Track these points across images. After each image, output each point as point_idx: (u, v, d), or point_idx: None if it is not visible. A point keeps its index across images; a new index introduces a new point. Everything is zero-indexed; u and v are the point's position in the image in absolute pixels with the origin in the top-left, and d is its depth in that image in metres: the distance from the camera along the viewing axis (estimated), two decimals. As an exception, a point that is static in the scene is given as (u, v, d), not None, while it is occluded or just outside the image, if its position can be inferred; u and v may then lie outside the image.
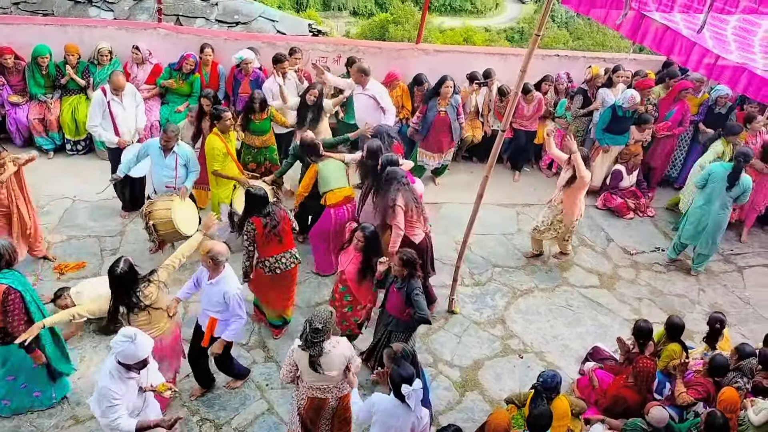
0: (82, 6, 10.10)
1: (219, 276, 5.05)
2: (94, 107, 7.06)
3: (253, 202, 5.68)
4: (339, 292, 5.81)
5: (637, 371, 5.33)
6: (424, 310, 5.19)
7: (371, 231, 5.59)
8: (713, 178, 7.40)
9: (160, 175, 6.65)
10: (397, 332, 5.50)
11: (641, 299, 7.45)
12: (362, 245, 5.56)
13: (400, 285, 5.32)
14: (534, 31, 5.12)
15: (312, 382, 4.61)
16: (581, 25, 42.19)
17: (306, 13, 40.11)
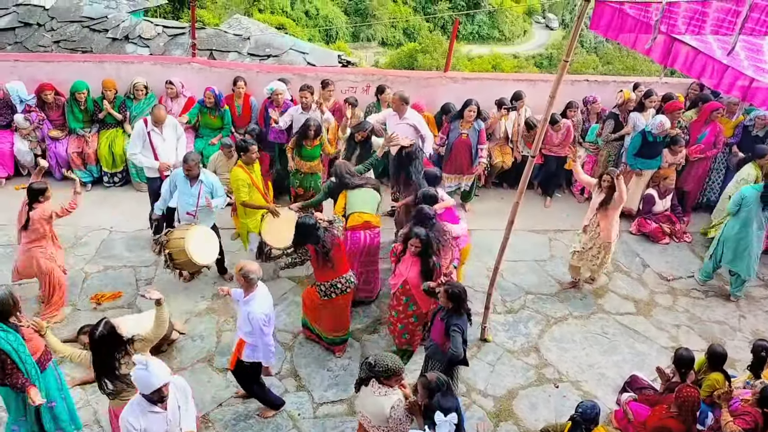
0: (119, 43, 10.44)
1: (251, 295, 5.13)
2: (135, 137, 7.25)
3: (303, 230, 5.79)
4: (403, 304, 5.95)
5: (681, 401, 5.15)
6: (458, 348, 5.14)
7: (425, 234, 5.72)
8: (746, 201, 7.34)
9: (185, 203, 6.75)
10: (434, 359, 5.48)
11: (679, 326, 7.27)
12: (419, 250, 5.72)
13: (444, 316, 5.30)
14: (563, 56, 5.12)
15: (360, 409, 4.69)
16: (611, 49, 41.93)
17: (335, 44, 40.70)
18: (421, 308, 5.95)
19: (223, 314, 6.78)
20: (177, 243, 6.36)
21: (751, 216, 7.34)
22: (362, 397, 4.56)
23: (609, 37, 4.83)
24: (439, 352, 5.41)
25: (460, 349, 5.16)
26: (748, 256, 7.45)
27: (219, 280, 7.24)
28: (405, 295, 5.93)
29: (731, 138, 8.85)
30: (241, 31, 12.54)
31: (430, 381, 4.40)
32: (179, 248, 6.34)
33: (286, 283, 7.29)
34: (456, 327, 5.17)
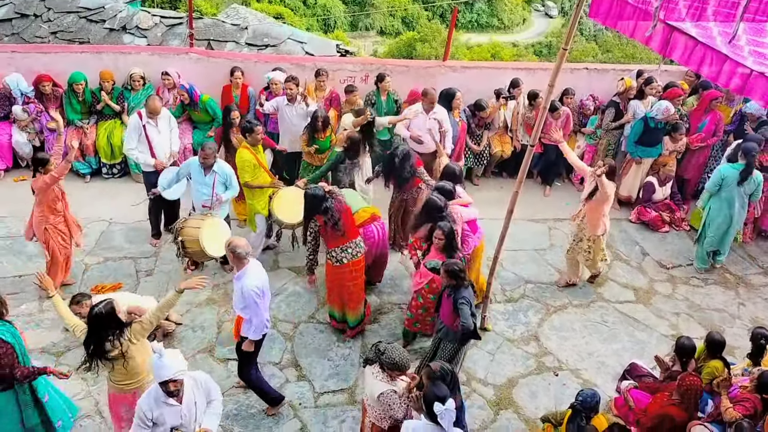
0: (117, 33, 10.40)
1: (242, 270, 5.15)
2: (131, 131, 7.16)
3: (311, 202, 5.89)
4: (430, 301, 5.94)
5: (684, 389, 5.17)
6: (468, 319, 5.17)
7: (449, 227, 5.73)
8: (727, 181, 7.48)
9: (199, 193, 6.72)
10: (446, 341, 5.52)
11: (679, 314, 7.29)
12: (444, 243, 5.72)
13: (450, 292, 5.36)
14: (562, 45, 5.10)
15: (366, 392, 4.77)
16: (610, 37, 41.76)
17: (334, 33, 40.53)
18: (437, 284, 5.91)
19: (223, 305, 6.79)
20: (192, 232, 6.37)
21: (733, 195, 7.50)
22: (365, 375, 4.69)
23: (608, 24, 4.80)
24: (450, 333, 5.45)
25: (470, 320, 5.19)
26: (730, 235, 7.75)
27: (219, 270, 7.24)
28: (432, 293, 5.89)
29: (729, 125, 8.85)
30: (238, 21, 12.50)
31: (435, 371, 4.41)
32: (193, 237, 6.35)
33: (285, 273, 7.30)
34: (463, 299, 5.21)
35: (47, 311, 6.49)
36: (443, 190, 6.31)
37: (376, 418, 4.67)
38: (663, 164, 8.57)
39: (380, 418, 4.64)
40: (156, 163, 7.24)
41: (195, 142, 8.44)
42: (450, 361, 5.57)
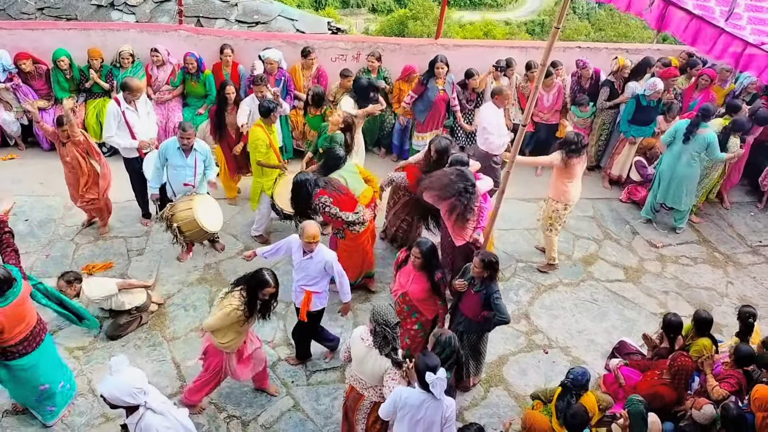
0: (105, 10, 10.24)
1: (316, 250, 5.29)
2: (110, 119, 6.90)
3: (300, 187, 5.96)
4: (405, 312, 5.58)
5: (676, 369, 5.23)
6: (506, 314, 5.22)
7: (428, 246, 5.28)
8: (679, 134, 7.69)
9: (180, 176, 6.61)
10: (469, 333, 5.50)
11: (668, 293, 7.36)
12: (420, 262, 5.29)
13: (479, 288, 5.27)
14: (554, 23, 5.07)
15: (355, 372, 4.73)
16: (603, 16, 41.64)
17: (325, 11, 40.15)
18: (426, 316, 5.60)
19: (215, 284, 6.79)
20: (185, 215, 6.32)
21: (680, 149, 7.72)
22: (360, 360, 4.60)
23: (602, 0, 4.77)
24: (473, 324, 5.43)
25: (508, 314, 5.27)
26: (676, 188, 7.92)
27: (210, 250, 7.23)
28: (406, 305, 5.58)
29: (722, 107, 8.85)
30: (228, -2, 12.31)
31: (443, 333, 4.57)
32: (188, 219, 6.31)
33: (277, 252, 7.29)
34: (497, 294, 5.23)
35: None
36: (460, 161, 6.28)
37: (380, 396, 4.64)
38: (650, 146, 8.59)
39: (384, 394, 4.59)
40: (140, 143, 6.98)
41: (184, 119, 8.37)
42: (475, 349, 5.63)
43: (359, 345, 4.61)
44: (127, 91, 6.84)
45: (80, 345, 5.96)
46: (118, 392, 3.84)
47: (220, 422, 5.44)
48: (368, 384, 4.68)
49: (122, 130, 6.93)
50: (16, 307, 4.60)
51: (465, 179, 5.85)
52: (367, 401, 4.75)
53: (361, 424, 4.86)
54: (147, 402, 3.94)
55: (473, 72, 8.57)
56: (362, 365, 4.62)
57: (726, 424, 4.85)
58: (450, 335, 4.64)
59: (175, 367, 5.87)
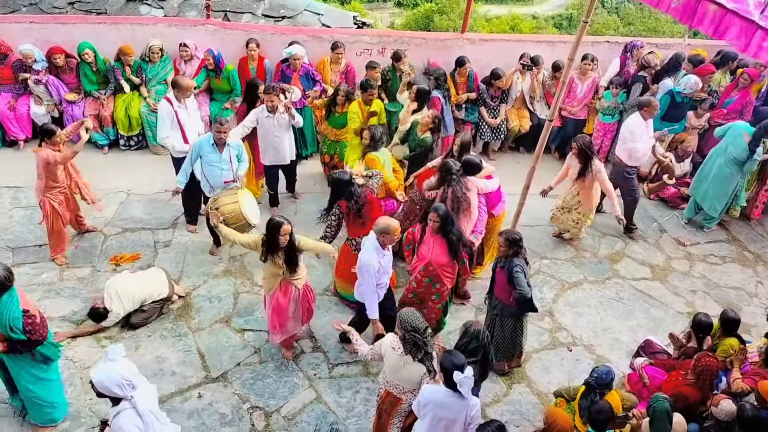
0: (134, 4, 10.37)
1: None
2: (164, 119, 6.87)
3: (337, 186, 5.96)
4: (425, 285, 5.72)
5: (701, 369, 5.15)
6: (524, 286, 5.17)
7: (444, 210, 5.58)
8: (731, 132, 7.58)
9: (218, 171, 6.54)
10: (503, 317, 5.55)
11: (695, 292, 7.24)
12: (438, 225, 5.53)
13: (503, 264, 5.35)
14: (582, 17, 5.01)
15: (391, 379, 4.66)
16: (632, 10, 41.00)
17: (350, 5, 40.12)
18: (446, 285, 5.76)
19: (239, 276, 6.86)
20: (231, 208, 6.31)
21: (724, 148, 7.60)
22: (395, 368, 4.55)
23: (632, -3, 4.69)
24: (507, 308, 5.47)
25: (527, 287, 5.19)
26: (708, 186, 7.83)
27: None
28: (428, 276, 5.72)
29: (755, 102, 8.68)
30: (255, -8, 12.39)
31: (472, 324, 4.58)
32: (235, 212, 6.30)
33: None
34: (518, 267, 5.21)
35: (67, 280, 6.60)
36: (470, 164, 6.26)
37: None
38: (681, 140, 8.45)
39: None
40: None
41: (212, 114, 8.44)
42: (513, 336, 5.64)
43: (391, 354, 4.54)
44: (177, 89, 6.84)
45: (108, 334, 6.06)
46: (107, 380, 3.86)
47: (243, 413, 5.50)
48: (406, 389, 4.63)
49: (174, 129, 6.92)
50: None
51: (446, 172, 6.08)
52: (405, 404, 4.70)
53: (396, 428, 4.83)
54: (133, 398, 3.94)
55: (500, 74, 8.51)
56: (398, 373, 4.57)
57: (742, 425, 4.72)
58: (480, 328, 4.60)
59: (199, 357, 5.94)
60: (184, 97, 6.91)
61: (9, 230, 7.14)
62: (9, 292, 4.44)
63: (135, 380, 3.97)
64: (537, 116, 8.97)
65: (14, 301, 4.44)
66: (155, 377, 5.68)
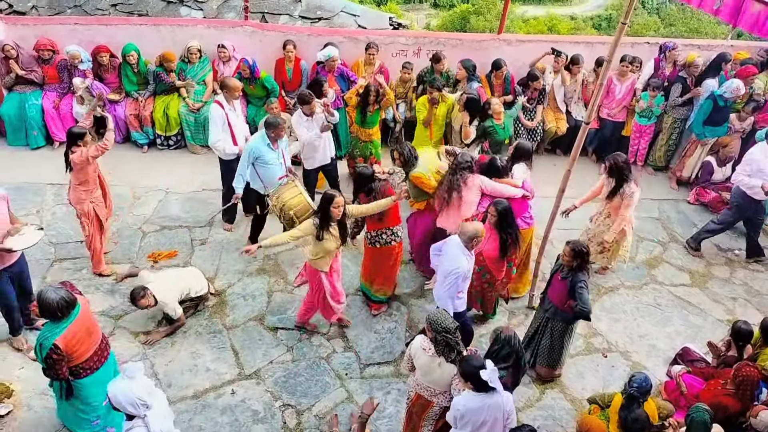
0: (174, 6, 10.55)
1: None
2: (216, 122, 6.84)
3: (360, 179, 6.06)
4: (476, 273, 5.84)
5: (741, 379, 5.01)
6: (587, 305, 5.19)
7: (504, 206, 5.62)
8: None
9: (272, 170, 6.63)
10: (554, 320, 5.56)
11: (736, 299, 7.05)
12: (496, 220, 5.63)
13: (566, 275, 5.33)
14: (621, 18, 4.92)
15: (423, 380, 4.65)
16: (673, 11, 40.17)
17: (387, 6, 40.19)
18: (495, 276, 5.94)
19: (273, 275, 6.92)
20: (298, 201, 6.30)
21: None
22: (426, 370, 4.54)
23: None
24: (559, 313, 5.46)
25: (589, 304, 5.21)
26: None
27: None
28: (478, 265, 5.82)
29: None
30: (292, -6, 12.50)
31: (502, 331, 4.55)
32: (302, 205, 6.29)
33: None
34: (582, 283, 5.21)
35: (106, 276, 6.76)
36: (491, 165, 6.27)
37: (449, 400, 4.58)
38: (723, 144, 8.23)
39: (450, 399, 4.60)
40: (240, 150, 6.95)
41: (249, 116, 8.54)
42: (561, 341, 5.63)
43: (422, 355, 4.53)
44: (226, 90, 6.85)
45: (144, 329, 6.18)
46: (122, 397, 3.88)
47: (275, 410, 5.55)
48: (437, 391, 4.61)
49: (225, 132, 6.93)
50: (81, 323, 4.55)
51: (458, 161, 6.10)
52: (436, 407, 4.69)
53: (427, 429, 4.82)
54: (146, 416, 3.95)
55: (537, 75, 8.42)
56: (429, 375, 4.54)
57: None
58: (511, 334, 4.56)
59: (233, 354, 6.02)
60: (233, 99, 6.94)
61: (52, 226, 7.34)
62: (59, 322, 4.44)
63: (150, 400, 3.97)
64: (574, 118, 8.85)
65: (55, 331, 4.43)
66: (190, 372, 5.78)
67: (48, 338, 4.41)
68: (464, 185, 6.06)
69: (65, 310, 4.42)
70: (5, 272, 5.46)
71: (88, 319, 4.69)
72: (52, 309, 4.38)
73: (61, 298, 4.39)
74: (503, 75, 8.53)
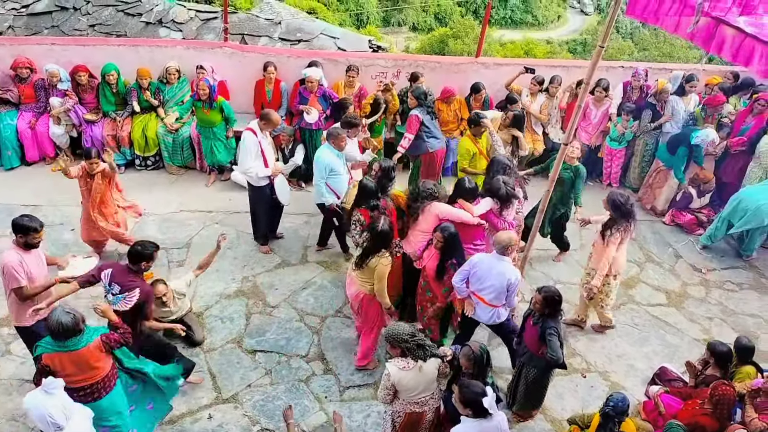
0: (153, 27, 10.55)
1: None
2: (250, 149, 6.76)
3: (362, 193, 6.15)
4: (421, 287, 6.02)
5: (717, 398, 5.05)
6: (557, 352, 5.02)
7: (450, 232, 5.65)
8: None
9: (343, 180, 6.89)
10: (528, 366, 5.43)
11: (712, 318, 7.14)
12: (441, 245, 5.65)
13: (536, 320, 5.22)
14: (598, 42, 5.02)
15: (410, 398, 4.65)
16: (647, 35, 41.04)
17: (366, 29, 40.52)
18: (436, 294, 5.89)
19: (252, 297, 6.86)
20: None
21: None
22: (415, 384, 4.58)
23: (648, 21, 4.69)
24: (534, 359, 5.34)
25: (559, 352, 5.04)
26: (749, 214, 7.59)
27: (249, 263, 7.31)
28: (424, 280, 5.96)
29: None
30: (272, 16, 12.56)
31: (474, 351, 4.51)
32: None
33: (314, 267, 7.35)
34: (552, 330, 5.06)
35: (81, 299, 6.59)
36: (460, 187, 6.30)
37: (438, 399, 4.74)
38: (704, 181, 8.36)
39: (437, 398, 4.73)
40: (275, 170, 7.00)
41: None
42: (534, 384, 5.52)
43: (405, 375, 4.54)
44: (266, 121, 6.83)
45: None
46: (35, 412, 3.81)
47: (253, 435, 5.46)
48: (426, 397, 4.67)
49: (258, 159, 6.85)
50: (76, 358, 4.40)
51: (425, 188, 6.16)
52: (429, 415, 4.74)
53: None
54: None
55: (515, 98, 8.52)
56: (417, 387, 4.59)
57: None
58: (478, 348, 4.55)
59: (211, 378, 5.93)
60: (267, 130, 6.98)
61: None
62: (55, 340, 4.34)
63: (62, 422, 3.88)
64: (551, 140, 8.96)
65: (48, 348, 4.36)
66: (166, 397, 5.67)
67: (41, 347, 4.39)
68: (422, 212, 6.12)
69: (61, 336, 4.30)
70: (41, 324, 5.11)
71: (88, 360, 4.46)
72: (50, 327, 4.32)
73: (60, 323, 4.27)
74: (482, 98, 8.63)
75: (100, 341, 4.47)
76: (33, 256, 5.14)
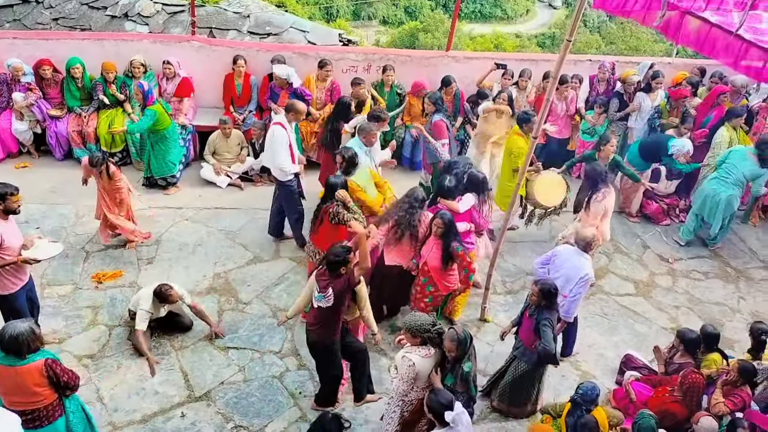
0: (119, 21, 10.36)
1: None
2: (282, 144, 6.68)
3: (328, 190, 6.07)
4: (421, 285, 6.05)
5: (687, 386, 5.16)
6: (550, 343, 5.06)
7: (449, 218, 5.74)
8: (734, 156, 7.68)
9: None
10: (520, 360, 5.45)
11: (679, 307, 7.29)
12: (442, 230, 5.73)
13: (532, 312, 5.26)
14: (565, 36, 5.07)
15: (424, 384, 4.71)
16: (614, 29, 41.62)
17: (336, 23, 40.37)
18: (440, 291, 6.00)
19: (224, 294, 6.80)
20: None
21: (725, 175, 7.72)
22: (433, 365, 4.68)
23: (615, 14, 4.73)
24: (527, 353, 5.35)
25: (552, 344, 5.07)
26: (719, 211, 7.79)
27: (220, 259, 7.24)
28: (423, 276, 5.98)
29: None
30: (240, 9, 12.39)
31: (458, 333, 4.54)
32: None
33: (286, 263, 7.31)
34: (546, 321, 5.09)
35: (47, 298, 6.50)
36: (440, 187, 6.37)
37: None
38: None
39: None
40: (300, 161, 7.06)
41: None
42: (522, 383, 5.53)
43: (425, 363, 4.60)
44: (293, 112, 6.74)
45: (89, 353, 5.97)
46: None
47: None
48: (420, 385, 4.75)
49: (287, 152, 6.78)
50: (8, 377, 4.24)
51: (412, 198, 6.03)
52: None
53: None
54: None
55: (487, 93, 8.54)
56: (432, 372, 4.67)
57: None
58: (462, 331, 4.58)
59: (183, 375, 5.87)
60: (296, 121, 6.89)
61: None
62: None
63: None
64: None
65: None
66: (137, 396, 5.60)
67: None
68: (419, 224, 6.07)
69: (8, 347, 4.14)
70: (23, 290, 5.40)
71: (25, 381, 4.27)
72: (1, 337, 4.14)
73: (10, 334, 4.12)
74: (453, 92, 8.64)
75: (43, 364, 4.26)
76: (11, 226, 5.23)
